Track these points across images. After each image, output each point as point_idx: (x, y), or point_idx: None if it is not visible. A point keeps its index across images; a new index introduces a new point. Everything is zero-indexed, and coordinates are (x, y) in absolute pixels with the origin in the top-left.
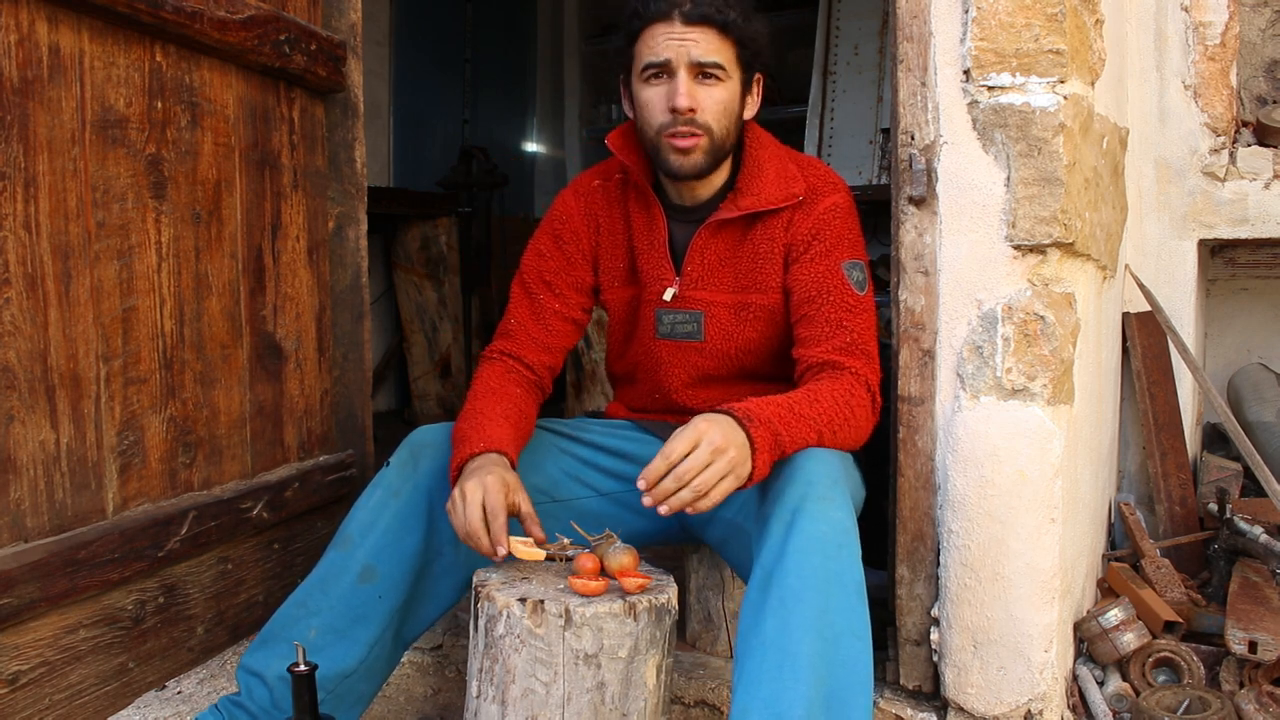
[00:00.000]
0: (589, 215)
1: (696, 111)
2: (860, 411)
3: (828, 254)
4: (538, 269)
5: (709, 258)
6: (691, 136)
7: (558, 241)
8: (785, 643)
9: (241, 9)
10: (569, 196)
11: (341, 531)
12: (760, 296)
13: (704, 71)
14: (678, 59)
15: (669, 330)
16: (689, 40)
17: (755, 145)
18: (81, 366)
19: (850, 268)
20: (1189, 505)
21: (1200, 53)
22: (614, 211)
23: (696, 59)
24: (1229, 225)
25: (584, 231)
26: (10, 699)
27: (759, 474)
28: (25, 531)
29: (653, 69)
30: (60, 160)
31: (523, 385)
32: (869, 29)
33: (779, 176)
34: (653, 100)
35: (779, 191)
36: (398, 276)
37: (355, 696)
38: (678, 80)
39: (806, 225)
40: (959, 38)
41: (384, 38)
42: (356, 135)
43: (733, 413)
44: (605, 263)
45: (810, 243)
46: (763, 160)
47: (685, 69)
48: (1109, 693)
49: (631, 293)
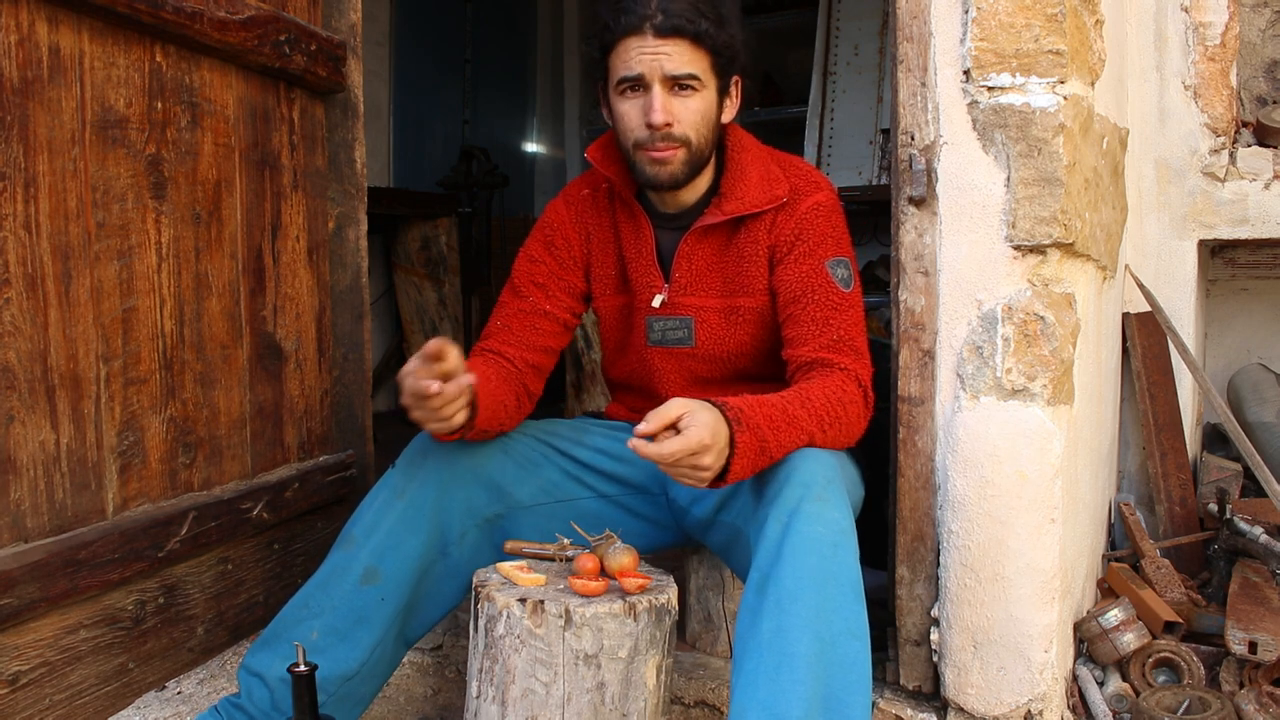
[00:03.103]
0: (580, 223)
1: (673, 125)
2: (852, 409)
3: (811, 253)
4: (529, 273)
5: (696, 263)
6: (669, 149)
7: (549, 248)
8: (783, 644)
9: (241, 9)
10: (560, 205)
11: (345, 532)
12: (749, 299)
13: (678, 83)
14: (651, 73)
15: (660, 337)
16: (661, 54)
17: (737, 148)
18: (81, 367)
19: (834, 265)
20: (1189, 505)
21: (1200, 53)
22: (603, 220)
23: (670, 72)
24: (1229, 225)
25: (575, 239)
26: (10, 699)
27: (735, 477)
28: (25, 532)
29: (627, 82)
30: (60, 160)
31: (500, 370)
32: (869, 29)
33: (762, 179)
34: (629, 113)
35: (762, 194)
36: (398, 276)
37: (356, 698)
38: (652, 95)
39: (789, 226)
40: (959, 38)
41: (384, 38)
42: (356, 135)
43: (725, 412)
44: (596, 270)
45: (794, 243)
46: (745, 163)
47: (659, 82)
48: (1109, 693)
49: (623, 301)
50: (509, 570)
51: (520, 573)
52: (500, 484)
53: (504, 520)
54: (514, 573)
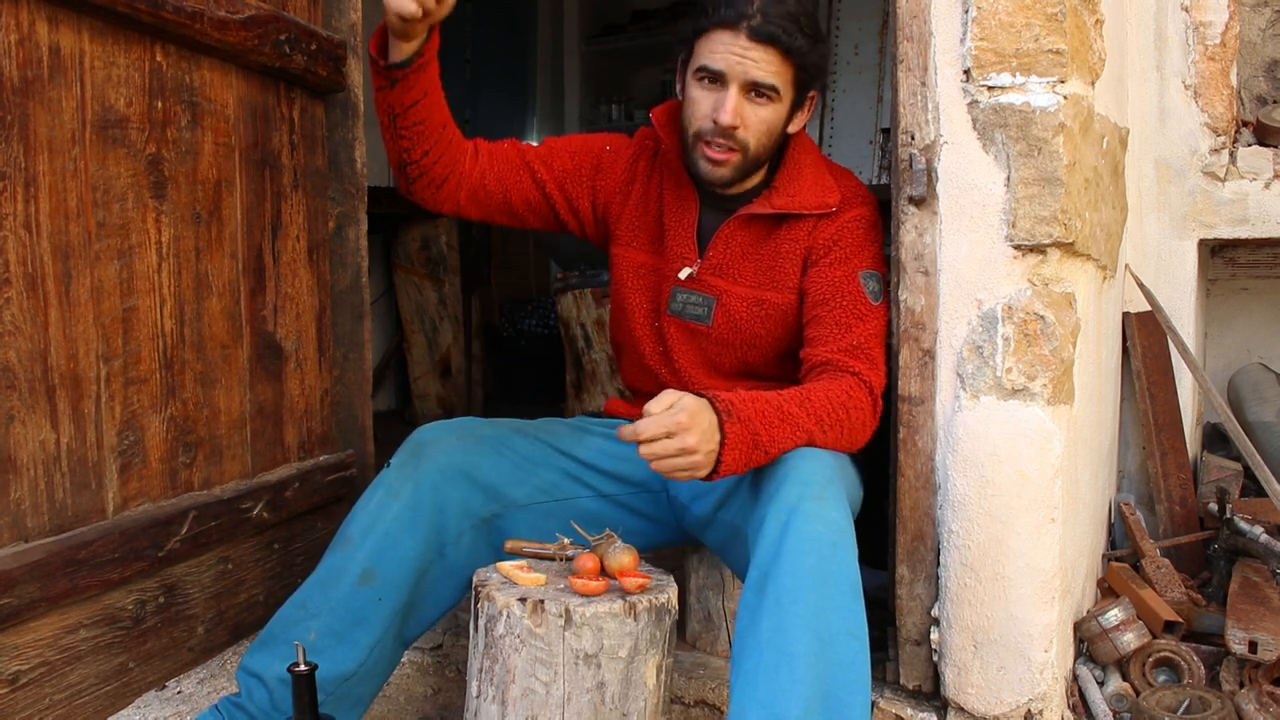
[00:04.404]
0: (632, 166)
1: (739, 129)
2: (857, 414)
3: (846, 260)
4: (549, 149)
5: (733, 248)
6: (727, 151)
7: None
8: (782, 643)
9: (241, 9)
10: (628, 141)
11: (341, 533)
12: (775, 294)
13: (757, 90)
14: (733, 74)
15: (680, 309)
16: (749, 59)
17: (798, 150)
18: (82, 366)
19: (867, 277)
20: (1189, 505)
21: (1200, 53)
22: (654, 176)
23: (753, 79)
24: (1229, 225)
25: (618, 175)
26: (10, 699)
27: (727, 471)
28: (25, 531)
29: (707, 73)
30: (60, 160)
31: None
32: (869, 29)
33: (816, 184)
34: (700, 101)
35: (814, 198)
36: (398, 276)
37: (355, 698)
38: (728, 94)
39: (829, 231)
40: (959, 37)
41: None
42: (357, 135)
43: (716, 405)
44: (627, 217)
45: (830, 248)
46: (803, 165)
47: (738, 85)
48: (1109, 693)
49: (650, 261)
50: (509, 570)
51: (520, 572)
52: (495, 484)
53: (500, 520)
54: (514, 572)
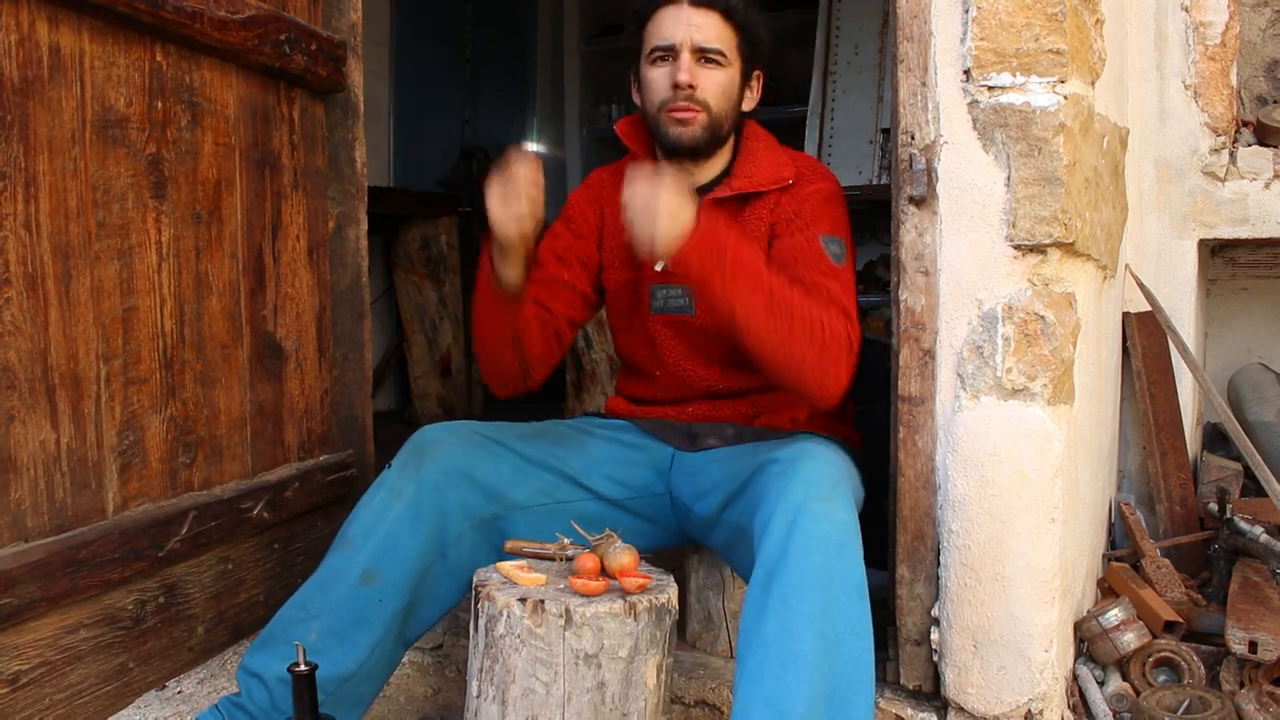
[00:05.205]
0: (595, 201)
1: (696, 89)
2: (831, 336)
3: (806, 228)
4: (550, 247)
5: None
6: (690, 110)
7: (567, 222)
8: (787, 641)
9: (241, 9)
10: (579, 189)
11: (342, 533)
12: None
13: (706, 56)
14: (682, 41)
15: (662, 304)
16: (694, 24)
17: (752, 137)
18: (82, 366)
19: (828, 241)
20: (1189, 505)
21: (1200, 52)
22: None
23: (699, 44)
24: (1229, 225)
25: (590, 213)
26: (10, 699)
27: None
28: (26, 531)
29: (659, 51)
30: (60, 160)
31: (537, 313)
32: (869, 29)
33: (770, 162)
34: (657, 79)
35: (770, 175)
36: (398, 276)
37: (355, 699)
38: (681, 60)
39: (790, 205)
40: (959, 37)
41: (384, 38)
42: (357, 135)
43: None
44: (608, 242)
45: (792, 219)
46: (757, 149)
47: (689, 51)
48: (1109, 693)
49: (631, 275)
50: (509, 570)
51: (520, 572)
52: (496, 485)
53: (501, 521)
54: (514, 572)
